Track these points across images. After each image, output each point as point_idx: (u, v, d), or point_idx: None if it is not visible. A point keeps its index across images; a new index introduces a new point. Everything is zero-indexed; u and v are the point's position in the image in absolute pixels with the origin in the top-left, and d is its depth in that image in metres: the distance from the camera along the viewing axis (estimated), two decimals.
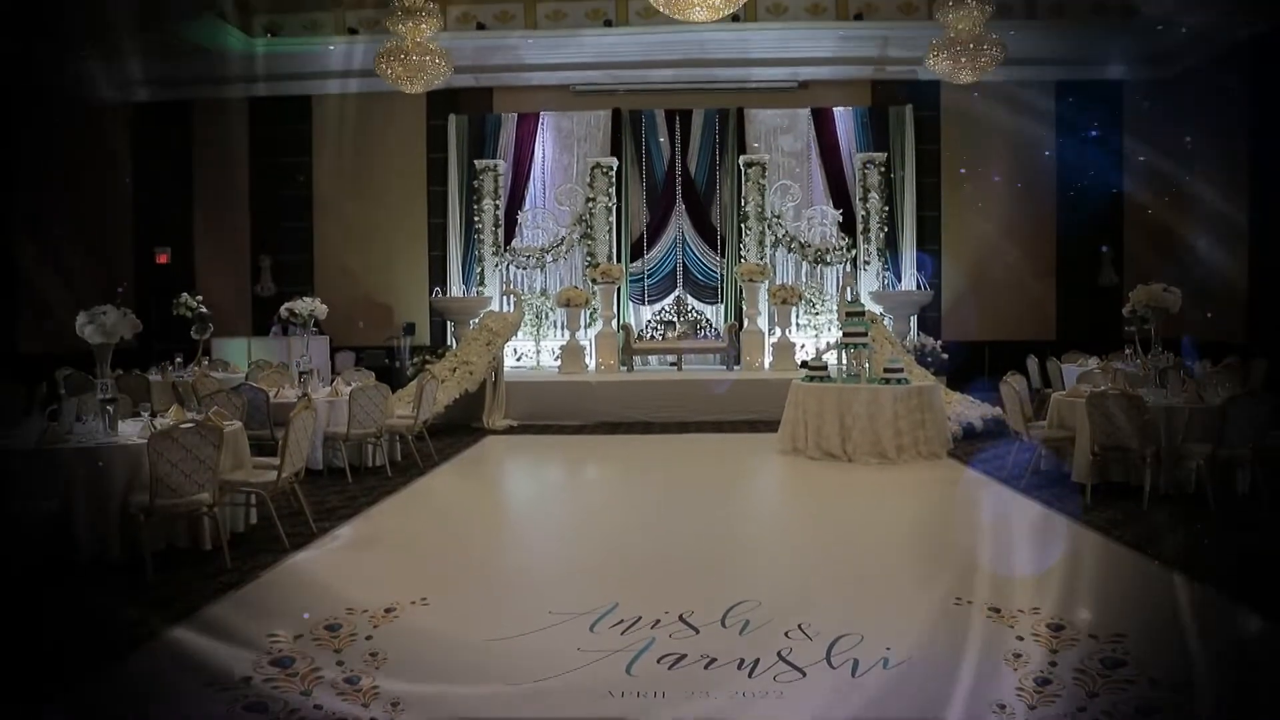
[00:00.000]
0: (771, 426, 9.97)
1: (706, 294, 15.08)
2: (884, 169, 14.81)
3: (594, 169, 14.75)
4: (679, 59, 14.46)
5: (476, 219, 15.07)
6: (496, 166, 15.06)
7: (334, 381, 9.16)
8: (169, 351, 11.31)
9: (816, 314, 14.73)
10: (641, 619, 4.41)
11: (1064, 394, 8.03)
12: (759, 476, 8.94)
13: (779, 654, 3.99)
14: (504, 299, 14.74)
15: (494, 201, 15.07)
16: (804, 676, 3.81)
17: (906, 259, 14.89)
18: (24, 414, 6.70)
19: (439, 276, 15.18)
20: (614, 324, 13.88)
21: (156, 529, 5.44)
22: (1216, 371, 8.88)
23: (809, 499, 7.89)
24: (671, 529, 6.62)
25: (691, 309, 14.62)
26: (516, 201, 15.25)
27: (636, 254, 15.10)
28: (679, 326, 14.22)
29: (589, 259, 14.69)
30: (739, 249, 14.77)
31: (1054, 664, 3.87)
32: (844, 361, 9.41)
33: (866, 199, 14.79)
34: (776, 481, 8.73)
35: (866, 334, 9.43)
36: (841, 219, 14.86)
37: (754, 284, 13.86)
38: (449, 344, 14.52)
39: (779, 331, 13.58)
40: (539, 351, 14.78)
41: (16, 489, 5.21)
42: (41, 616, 4.66)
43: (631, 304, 15.02)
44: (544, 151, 15.49)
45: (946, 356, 13.57)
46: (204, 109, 15.33)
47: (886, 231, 14.83)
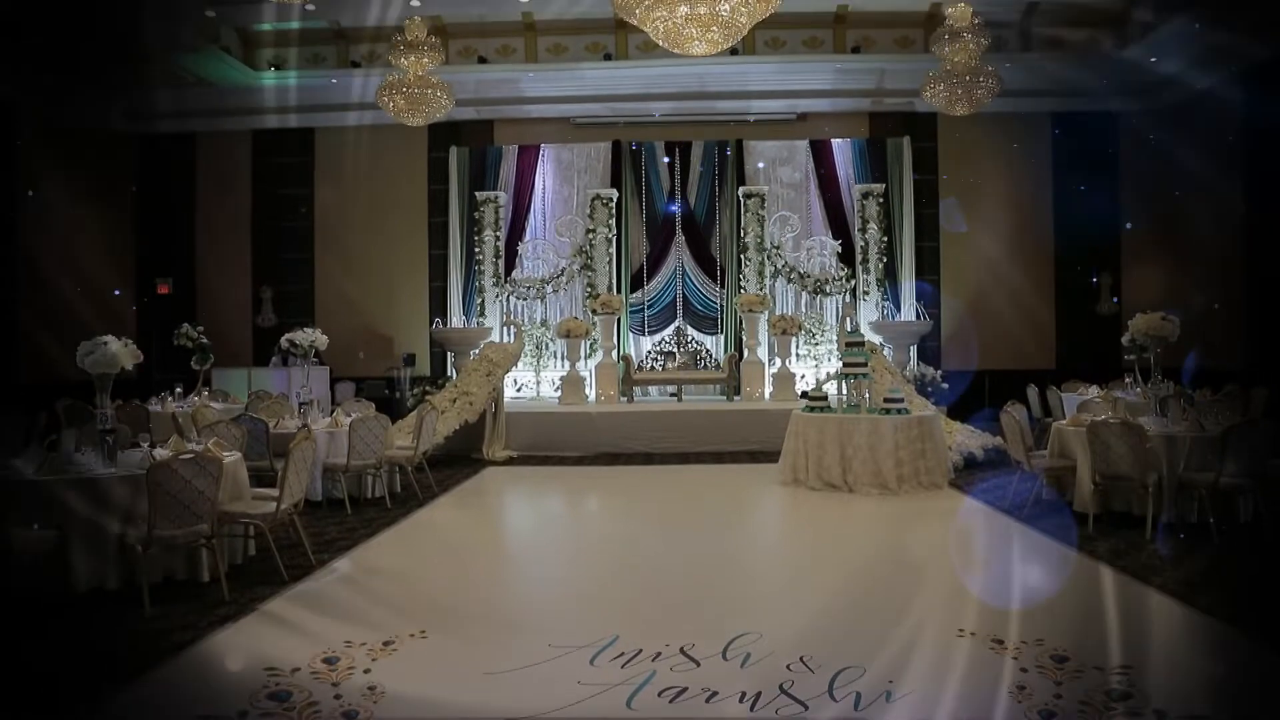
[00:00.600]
0: (772, 457, 9.95)
1: (706, 325, 15.11)
2: (882, 200, 14.91)
3: (594, 200, 14.85)
4: (678, 92, 14.59)
5: (477, 250, 15.14)
6: (497, 198, 15.15)
7: (334, 412, 9.16)
8: (169, 382, 11.31)
9: (816, 344, 14.75)
10: (642, 652, 4.38)
11: (1065, 423, 8.01)
12: (760, 507, 8.90)
13: (781, 687, 3.96)
14: (504, 330, 14.77)
15: (495, 233, 15.15)
16: (806, 710, 3.77)
17: (906, 289, 14.94)
18: (23, 444, 6.69)
19: (439, 307, 15.22)
20: (614, 355, 13.89)
21: (154, 560, 5.42)
22: (1217, 399, 8.88)
23: (810, 530, 7.85)
24: (672, 561, 6.59)
25: (691, 340, 14.64)
26: (517, 233, 15.33)
27: (636, 285, 15.16)
28: (679, 357, 14.23)
29: (589, 290, 14.74)
30: (739, 280, 14.83)
31: (1059, 696, 3.83)
32: (844, 392, 9.40)
33: (865, 229, 14.88)
34: (778, 512, 8.69)
35: (866, 364, 9.42)
36: (841, 249, 14.94)
37: (754, 314, 13.89)
38: (449, 375, 14.52)
39: (779, 362, 13.59)
40: (539, 382, 14.78)
41: (14, 519, 5.19)
42: (37, 647, 4.62)
43: (631, 335, 15.04)
44: (544, 183, 15.59)
45: (947, 386, 13.57)
46: (208, 141, 15.45)
47: (885, 262, 14.90)
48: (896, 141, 15.07)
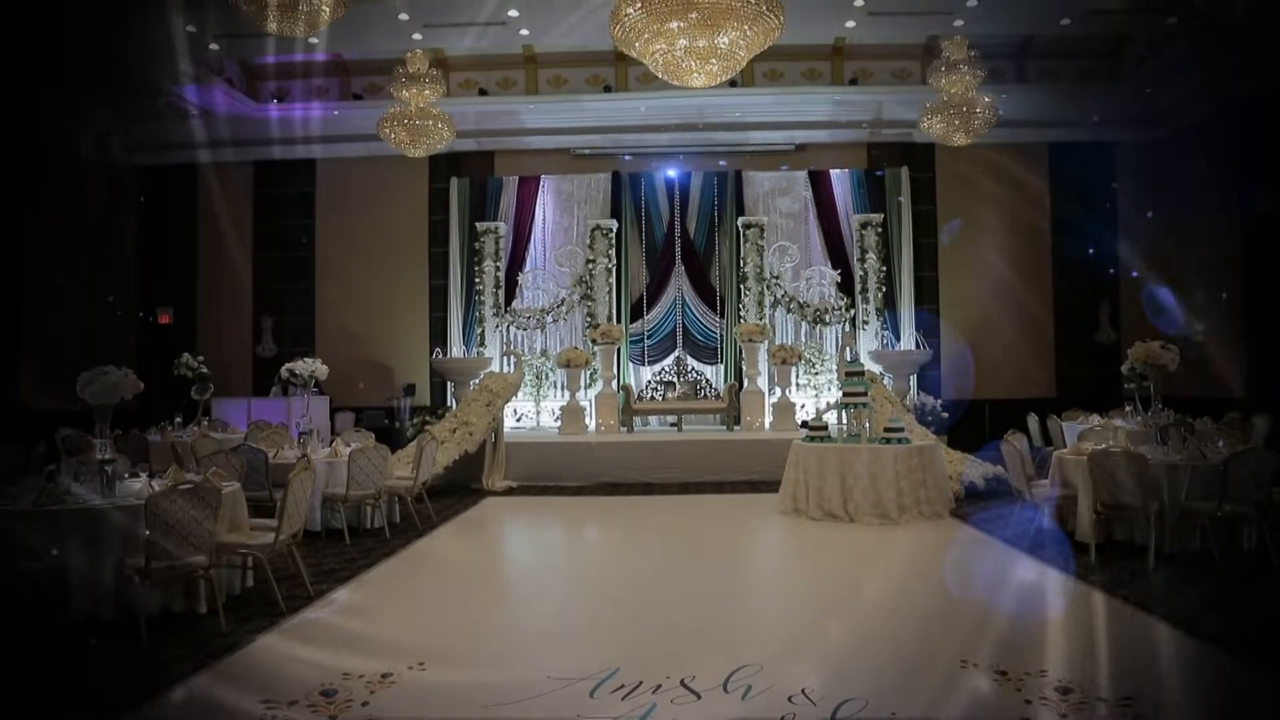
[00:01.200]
0: (772, 487, 9.92)
1: (706, 354, 15.13)
2: (881, 230, 14.99)
3: (594, 231, 14.92)
4: (678, 123, 14.70)
5: (477, 280, 15.19)
6: (497, 228, 15.23)
7: (333, 442, 9.14)
8: (169, 411, 11.31)
9: (816, 374, 14.76)
10: (642, 684, 4.34)
11: (1065, 452, 7.99)
12: (760, 538, 8.86)
13: None
14: (504, 360, 14.78)
15: (495, 263, 15.21)
16: None
17: (905, 318, 14.98)
18: (22, 474, 6.67)
19: (440, 337, 15.25)
20: (614, 385, 13.89)
21: (152, 591, 5.38)
22: (1218, 428, 8.86)
23: (811, 560, 7.81)
24: (672, 592, 6.54)
25: (691, 369, 14.65)
26: (517, 263, 15.39)
27: (636, 315, 15.19)
28: (679, 387, 14.22)
29: (589, 320, 14.77)
30: (738, 309, 14.87)
31: None
32: (844, 421, 9.39)
33: (864, 259, 14.94)
34: (778, 543, 8.64)
35: (866, 393, 9.42)
36: (840, 279, 15.00)
37: (753, 344, 13.91)
38: (449, 405, 14.52)
39: (779, 391, 13.58)
40: (539, 412, 14.78)
41: (12, 549, 5.16)
42: (33, 678, 4.58)
43: (631, 365, 15.06)
44: (544, 214, 15.68)
45: (947, 415, 13.57)
46: (210, 172, 15.53)
47: (885, 291, 14.94)
48: (894, 172, 15.17)
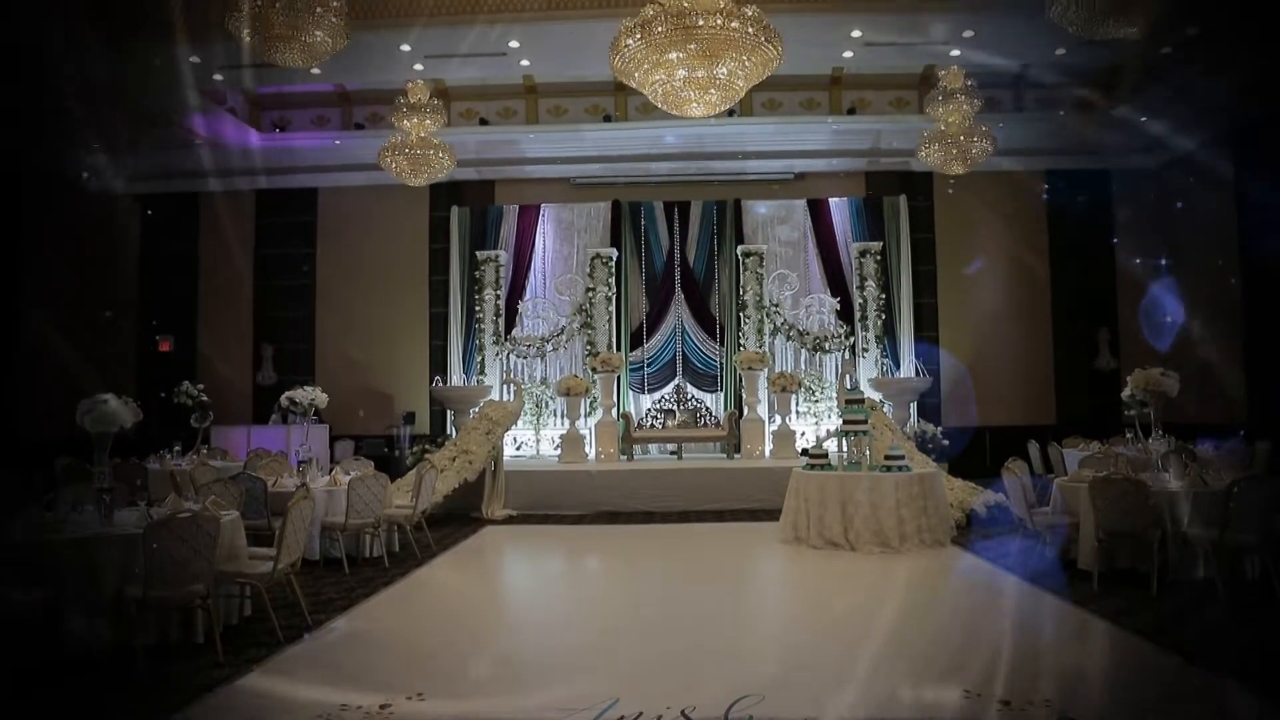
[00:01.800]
0: (773, 515, 9.88)
1: (706, 382, 15.13)
2: (880, 258, 15.04)
3: (594, 259, 14.97)
4: (677, 152, 14.81)
5: (477, 308, 15.22)
6: (498, 257, 15.28)
7: (333, 470, 9.11)
8: (169, 439, 11.29)
9: (816, 401, 14.75)
10: (643, 715, 4.30)
11: (1067, 479, 7.97)
12: (761, 567, 8.81)
13: None
14: (504, 388, 14.77)
15: (495, 291, 15.25)
16: None
17: (905, 346, 14.99)
18: (20, 502, 6.64)
19: (440, 365, 15.26)
20: (614, 413, 13.87)
21: (149, 621, 5.35)
22: (1219, 454, 8.84)
23: (812, 590, 7.76)
24: (672, 622, 6.50)
25: (691, 397, 14.63)
26: (517, 291, 15.43)
27: (636, 343, 15.21)
28: (679, 415, 14.19)
29: (589, 348, 14.78)
30: (738, 337, 14.89)
31: None
32: (845, 449, 9.37)
33: (863, 287, 14.99)
34: (779, 571, 8.59)
35: (866, 421, 9.41)
36: (839, 307, 15.03)
37: (753, 372, 13.90)
38: (449, 433, 14.50)
39: (779, 419, 13.56)
40: (539, 440, 14.75)
41: (8, 579, 5.13)
42: (29, 708, 4.54)
43: (631, 393, 15.05)
44: (544, 242, 15.74)
45: (947, 443, 13.55)
46: (212, 200, 15.63)
47: (884, 319, 14.97)
48: (893, 200, 15.25)
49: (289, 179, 15.21)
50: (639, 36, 7.21)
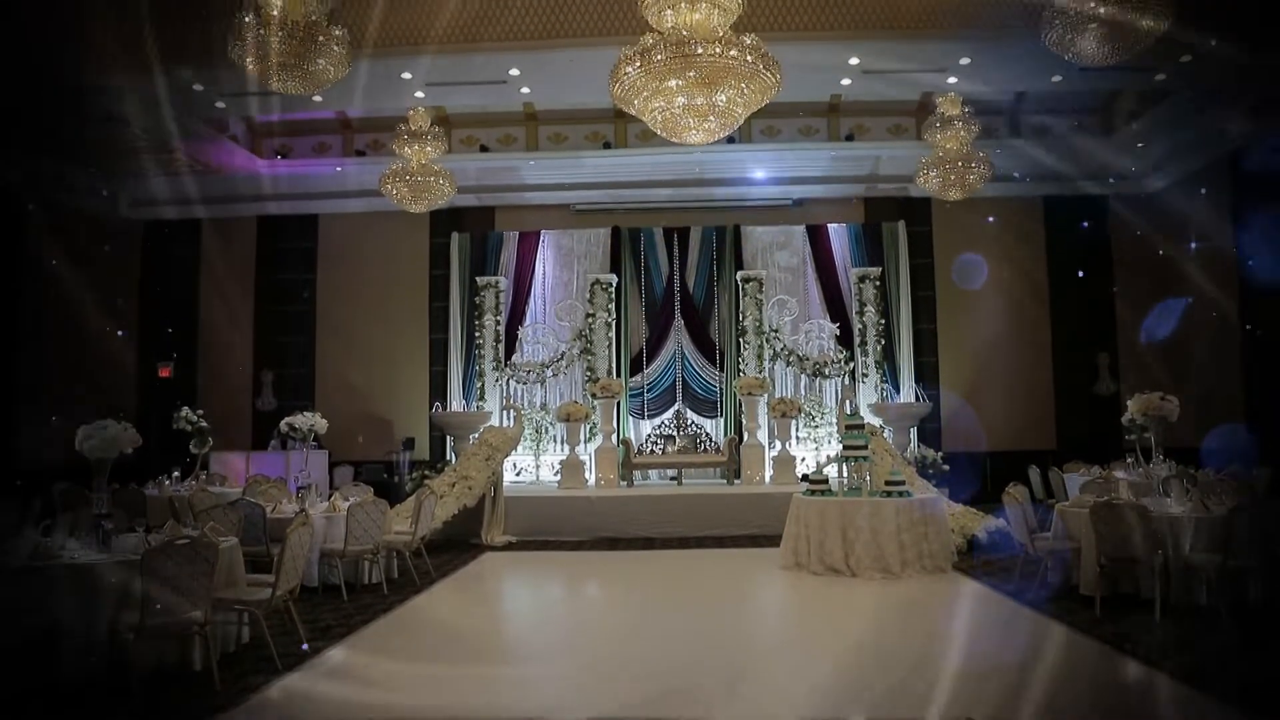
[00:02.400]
0: (773, 541, 9.84)
1: (706, 408, 15.12)
2: (879, 283, 15.08)
3: (594, 285, 15.00)
4: (677, 179, 14.88)
5: (478, 334, 15.24)
6: (498, 283, 15.32)
7: (332, 496, 9.08)
8: (168, 465, 11.27)
9: (816, 427, 14.73)
10: None
11: (1068, 504, 7.95)
12: (762, 593, 8.76)
13: None
14: (504, 414, 14.76)
15: (495, 317, 15.27)
16: None
17: (904, 371, 15.00)
18: (17, 528, 6.61)
19: (439, 391, 15.26)
20: (614, 438, 13.84)
21: (146, 648, 5.31)
22: (1220, 479, 8.82)
23: (814, 617, 7.72)
24: (673, 651, 6.45)
25: (691, 423, 14.61)
26: (517, 317, 15.46)
27: (636, 369, 15.22)
28: (679, 441, 14.16)
29: (589, 374, 14.78)
30: (738, 363, 14.90)
31: None
32: (845, 475, 9.35)
33: (863, 312, 15.01)
34: (780, 599, 8.54)
35: (867, 447, 9.39)
36: (839, 332, 15.05)
37: (753, 397, 13.89)
38: (448, 459, 14.47)
39: (779, 445, 13.52)
40: (539, 466, 14.71)
41: (5, 606, 5.10)
42: None
43: (631, 418, 15.04)
44: (544, 268, 15.79)
45: (948, 468, 13.52)
46: (213, 227, 15.70)
47: (884, 344, 14.99)
48: (892, 226, 15.32)
49: (290, 205, 15.28)
50: (638, 64, 7.27)
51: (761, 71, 7.30)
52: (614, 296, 15.09)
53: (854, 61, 11.56)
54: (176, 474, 11.01)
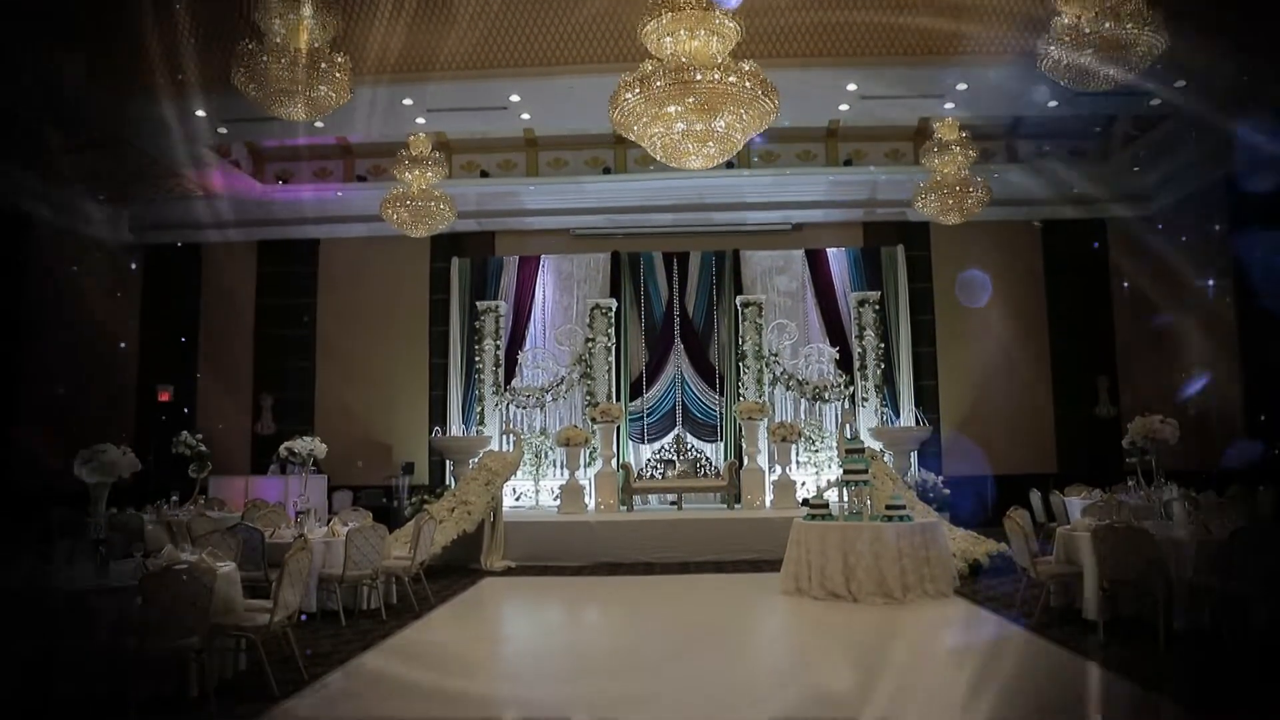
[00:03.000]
0: (774, 566, 9.79)
1: (706, 432, 15.10)
2: (878, 307, 15.11)
3: (593, 310, 15.03)
4: (676, 204, 14.96)
5: (477, 359, 15.25)
6: (498, 307, 15.35)
7: (331, 521, 9.05)
8: (166, 489, 11.23)
9: (816, 451, 14.70)
10: None
11: (1069, 528, 7.91)
12: (763, 619, 8.70)
13: None
14: (504, 438, 14.73)
15: (495, 342, 15.29)
16: None
17: (904, 395, 14.99)
18: (15, 553, 6.59)
19: (439, 416, 15.24)
20: (614, 463, 13.81)
21: (142, 674, 5.26)
22: (1222, 502, 8.80)
23: (816, 643, 7.66)
24: (674, 678, 6.40)
25: (691, 447, 14.58)
26: (517, 342, 15.47)
27: (636, 393, 15.21)
28: (679, 465, 14.13)
29: (588, 398, 14.77)
30: (737, 387, 14.90)
31: None
32: (845, 499, 9.31)
33: (862, 336, 15.03)
34: (782, 624, 8.48)
35: (867, 471, 9.36)
36: (838, 356, 15.06)
37: (753, 422, 13.86)
38: (448, 483, 14.43)
39: (779, 469, 13.48)
40: (538, 491, 14.67)
41: (2, 631, 5.07)
42: None
43: (631, 443, 15.01)
44: (544, 293, 15.83)
45: (949, 492, 13.47)
46: (214, 251, 15.75)
47: (883, 368, 15.00)
48: (890, 250, 15.36)
49: (291, 230, 15.34)
50: (638, 90, 7.33)
51: (760, 97, 7.36)
52: (614, 321, 15.11)
53: (852, 87, 11.65)
54: (175, 498, 10.97)
